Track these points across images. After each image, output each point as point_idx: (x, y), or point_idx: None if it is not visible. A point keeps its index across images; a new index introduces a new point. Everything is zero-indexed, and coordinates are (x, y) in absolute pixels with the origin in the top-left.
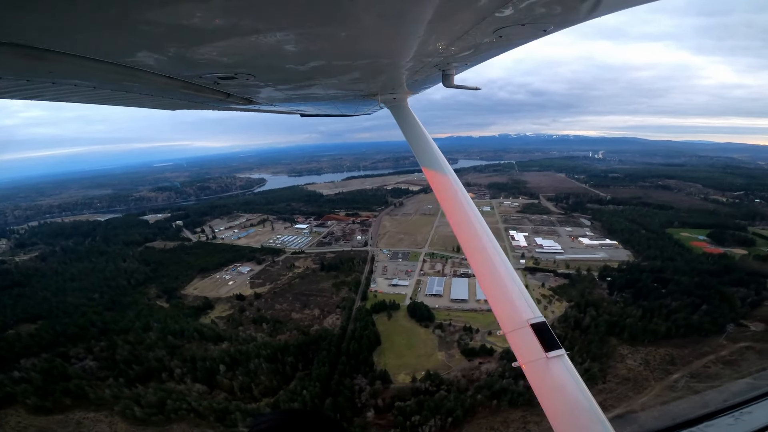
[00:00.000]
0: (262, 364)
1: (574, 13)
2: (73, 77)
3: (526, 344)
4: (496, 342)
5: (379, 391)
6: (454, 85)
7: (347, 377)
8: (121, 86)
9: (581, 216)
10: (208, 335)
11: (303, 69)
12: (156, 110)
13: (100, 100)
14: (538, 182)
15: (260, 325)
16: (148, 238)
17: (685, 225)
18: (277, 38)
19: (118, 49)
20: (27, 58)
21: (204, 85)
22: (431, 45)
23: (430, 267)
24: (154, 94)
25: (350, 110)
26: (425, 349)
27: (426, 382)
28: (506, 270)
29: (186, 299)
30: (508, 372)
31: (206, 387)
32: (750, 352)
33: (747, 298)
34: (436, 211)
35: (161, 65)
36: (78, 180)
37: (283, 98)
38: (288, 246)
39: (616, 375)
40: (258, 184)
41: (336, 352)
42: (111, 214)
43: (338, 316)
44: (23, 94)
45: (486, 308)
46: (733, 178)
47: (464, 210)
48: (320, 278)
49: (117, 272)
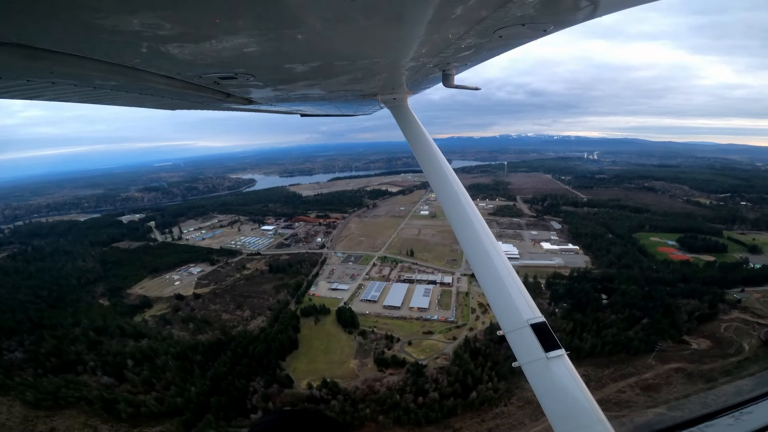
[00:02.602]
0: (169, 361)
1: (574, 13)
2: (73, 77)
3: (526, 344)
4: (413, 352)
5: (272, 394)
6: (454, 85)
7: (243, 378)
8: (121, 86)
9: (552, 219)
10: (129, 332)
11: (303, 69)
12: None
13: (100, 100)
14: (522, 184)
15: (187, 325)
16: (115, 238)
17: (657, 229)
18: (277, 38)
19: (118, 49)
20: (27, 58)
21: (204, 85)
22: (431, 45)
23: (378, 271)
24: (154, 94)
25: (350, 110)
26: (340, 355)
27: (322, 390)
28: (506, 270)
29: (128, 298)
30: (409, 387)
31: (114, 380)
32: (678, 376)
33: (696, 312)
34: (406, 213)
35: (161, 65)
36: (75, 179)
37: (283, 98)
38: (247, 247)
39: (521, 398)
40: (247, 185)
41: (242, 353)
42: (95, 214)
43: (266, 318)
44: (23, 94)
45: (415, 317)
46: (723, 180)
47: (464, 209)
48: (265, 280)
49: (71, 271)
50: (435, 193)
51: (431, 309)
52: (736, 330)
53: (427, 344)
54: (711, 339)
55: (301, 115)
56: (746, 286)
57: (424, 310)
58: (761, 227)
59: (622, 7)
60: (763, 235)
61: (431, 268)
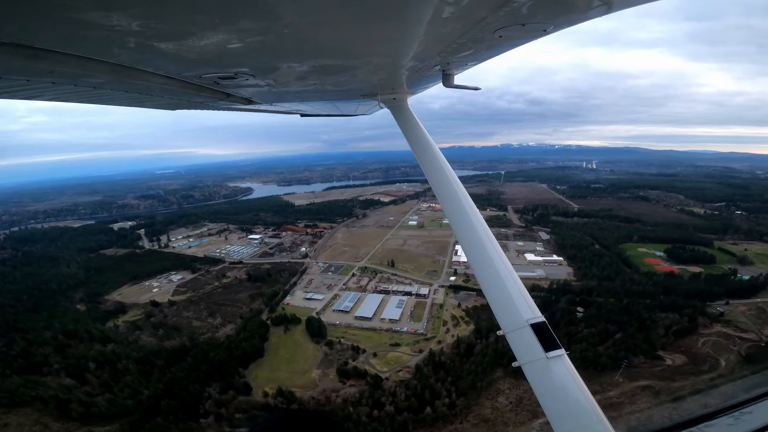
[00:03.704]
0: (130, 365)
1: (574, 13)
2: (73, 77)
3: (526, 344)
4: (377, 364)
5: (226, 400)
6: (454, 85)
7: (199, 384)
8: (121, 86)
9: (541, 229)
10: (96, 337)
11: (303, 69)
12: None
13: (100, 100)
14: (516, 193)
15: (156, 331)
16: (103, 245)
17: (646, 240)
18: (277, 38)
19: (118, 50)
20: (27, 58)
21: (204, 84)
22: (431, 45)
23: (356, 281)
24: (154, 94)
25: (350, 110)
26: (304, 365)
27: (277, 399)
28: (506, 270)
29: (105, 304)
30: (365, 399)
31: (76, 381)
32: (644, 394)
33: (674, 326)
34: (394, 224)
35: (161, 65)
36: (76, 186)
37: (283, 98)
38: (230, 256)
39: (479, 415)
40: (243, 193)
41: (203, 359)
42: (91, 221)
43: (236, 326)
44: (23, 94)
45: (385, 328)
46: (719, 189)
47: (464, 209)
48: (243, 289)
49: (53, 277)
50: (435, 193)
51: (402, 321)
52: (714, 345)
53: (393, 356)
54: (687, 354)
55: (301, 115)
56: (732, 299)
57: (395, 322)
58: (754, 237)
59: (622, 7)
60: (755, 246)
61: (410, 279)
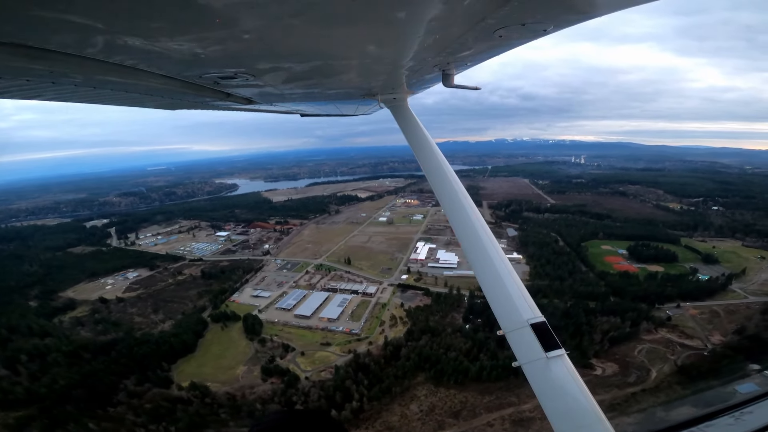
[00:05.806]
0: (59, 358)
1: (574, 13)
2: (73, 77)
3: (526, 344)
4: (302, 363)
5: (140, 392)
6: (454, 84)
7: (116, 376)
8: (121, 86)
9: (510, 225)
10: (36, 331)
11: (303, 69)
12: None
13: (100, 100)
14: (496, 188)
15: (97, 326)
16: (72, 243)
17: (612, 237)
18: (277, 38)
19: (118, 49)
20: (27, 58)
21: (204, 84)
22: (431, 45)
23: (307, 279)
24: (154, 94)
25: (350, 110)
26: (231, 361)
27: (191, 392)
28: (506, 270)
29: (56, 301)
30: (277, 398)
31: (11, 372)
32: None
33: (612, 331)
34: (365, 220)
35: (162, 65)
36: (63, 183)
37: (283, 98)
38: (193, 253)
39: (386, 421)
40: (228, 190)
41: (126, 353)
42: (69, 219)
43: (175, 322)
44: (23, 94)
45: (321, 327)
46: (701, 184)
47: (464, 210)
48: (195, 286)
49: (12, 274)
50: (435, 193)
51: (341, 320)
52: (650, 353)
53: (320, 356)
54: (620, 363)
55: (301, 115)
56: (685, 301)
57: (332, 321)
58: (725, 234)
59: (622, 7)
60: (725, 243)
61: (362, 277)
